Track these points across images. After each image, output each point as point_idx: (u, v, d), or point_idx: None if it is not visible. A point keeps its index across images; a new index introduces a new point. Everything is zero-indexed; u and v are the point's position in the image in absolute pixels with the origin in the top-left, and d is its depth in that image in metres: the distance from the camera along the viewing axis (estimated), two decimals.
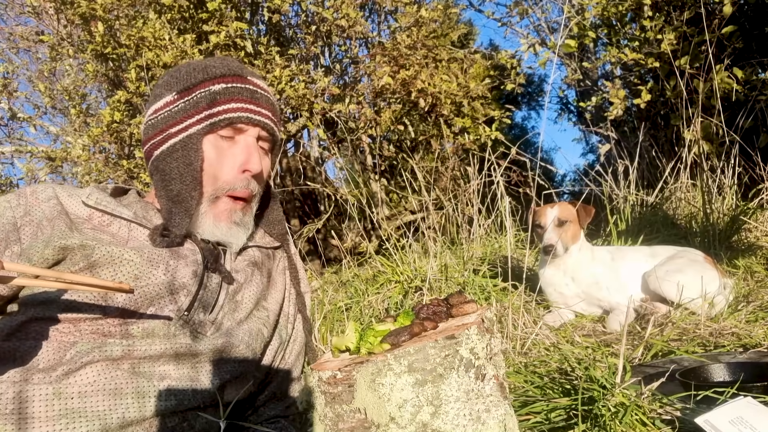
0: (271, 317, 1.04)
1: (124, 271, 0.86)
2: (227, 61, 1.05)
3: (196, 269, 0.94)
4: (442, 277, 2.28)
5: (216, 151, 0.99)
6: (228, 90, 1.00)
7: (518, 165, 3.72)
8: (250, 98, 1.02)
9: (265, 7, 3.99)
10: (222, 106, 0.98)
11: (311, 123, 3.81)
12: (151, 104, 1.04)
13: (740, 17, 3.97)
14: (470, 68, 4.31)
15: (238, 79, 1.02)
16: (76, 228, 0.90)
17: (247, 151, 1.00)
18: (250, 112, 1.01)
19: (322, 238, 4.29)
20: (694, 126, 3.32)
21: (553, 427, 0.97)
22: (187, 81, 1.00)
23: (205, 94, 0.98)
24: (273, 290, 1.10)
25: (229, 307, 0.96)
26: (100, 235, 0.92)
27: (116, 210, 0.95)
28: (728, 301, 1.83)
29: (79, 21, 3.74)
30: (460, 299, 0.74)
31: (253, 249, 1.10)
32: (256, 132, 1.02)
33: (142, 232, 0.96)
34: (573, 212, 2.09)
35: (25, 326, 0.82)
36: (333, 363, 0.64)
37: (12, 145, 5.12)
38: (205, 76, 1.00)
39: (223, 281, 0.97)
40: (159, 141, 1.00)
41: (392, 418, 0.59)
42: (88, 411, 0.75)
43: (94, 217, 0.94)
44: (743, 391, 0.91)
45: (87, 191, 0.97)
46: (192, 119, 0.98)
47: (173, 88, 1.01)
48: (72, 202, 0.94)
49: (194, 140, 0.97)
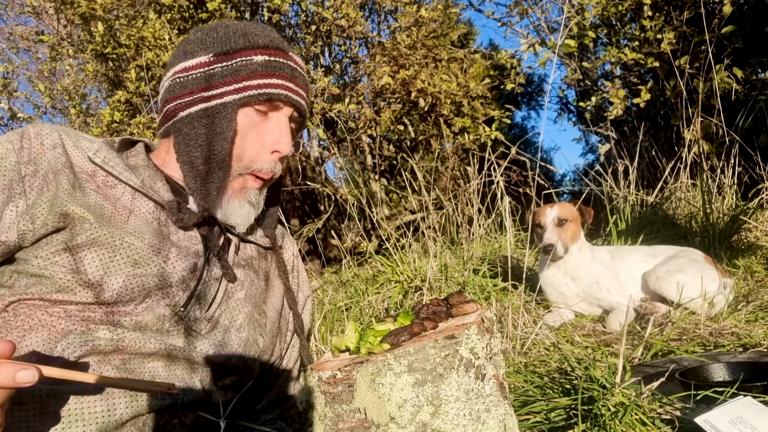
0: (268, 325, 1.00)
1: (124, 254, 0.82)
2: (268, 31, 0.99)
3: (196, 261, 0.90)
4: (442, 277, 2.28)
5: (248, 124, 0.94)
6: (271, 64, 0.94)
7: (518, 165, 3.72)
8: (290, 76, 0.96)
9: (265, 7, 4.00)
10: (263, 80, 0.93)
11: (311, 123, 3.81)
12: (181, 61, 0.96)
13: (740, 17, 3.97)
14: (470, 68, 4.31)
15: (280, 53, 0.97)
16: (80, 186, 0.85)
17: (279, 129, 0.96)
18: (289, 90, 0.96)
19: (321, 238, 4.29)
20: (694, 126, 3.33)
21: (553, 427, 0.97)
22: (227, 44, 0.94)
23: (246, 63, 0.93)
24: (271, 295, 1.06)
25: (226, 305, 0.93)
26: (102, 201, 0.86)
27: (122, 175, 0.89)
28: (728, 301, 1.83)
29: (79, 21, 3.74)
30: (460, 299, 0.74)
31: (251, 246, 1.06)
32: (290, 111, 0.98)
33: (146, 204, 0.91)
34: (573, 212, 2.10)
35: (12, 307, 0.78)
36: (333, 363, 0.64)
37: None
38: (247, 44, 0.94)
39: (223, 276, 0.93)
40: (188, 102, 0.94)
41: (392, 418, 0.59)
42: (84, 413, 0.74)
43: (98, 174, 0.89)
44: (743, 391, 0.91)
45: (95, 146, 0.90)
46: (230, 87, 0.92)
47: (210, 48, 0.94)
48: (78, 154, 0.88)
49: (229, 110, 0.92)
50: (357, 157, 4.80)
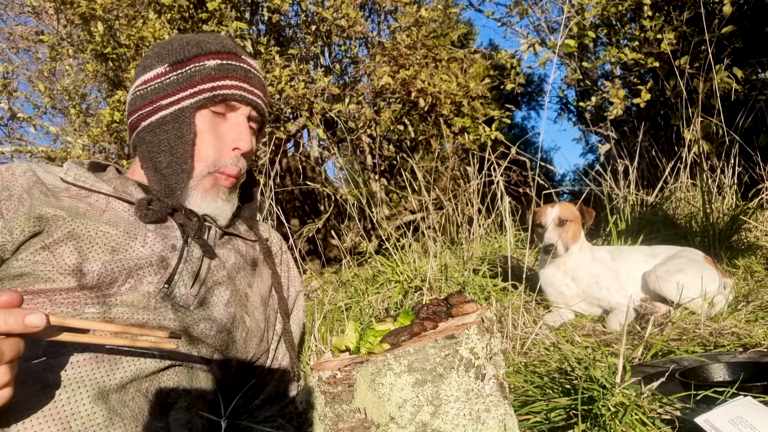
0: (249, 307, 1.01)
1: (101, 243, 0.84)
2: (221, 38, 1.05)
3: (175, 243, 0.92)
4: (442, 277, 2.28)
5: (207, 126, 0.99)
6: (223, 67, 1.00)
7: (518, 165, 3.72)
8: (244, 77, 1.02)
9: (264, 7, 3.99)
10: (217, 82, 0.98)
11: (311, 123, 3.81)
12: (140, 75, 1.02)
13: (740, 17, 3.97)
14: (470, 68, 4.31)
15: (233, 57, 1.02)
16: (53, 195, 0.88)
17: (238, 128, 1.01)
18: (243, 90, 1.01)
19: (321, 238, 4.29)
20: (694, 126, 3.33)
21: (553, 427, 0.97)
22: (181, 54, 1.00)
23: (200, 68, 0.98)
24: (258, 280, 1.08)
25: (212, 280, 0.94)
26: (76, 203, 0.89)
27: (95, 185, 0.94)
28: (728, 301, 1.83)
29: (79, 21, 3.74)
30: (460, 299, 0.74)
31: (237, 240, 1.09)
32: (247, 111, 1.03)
33: (121, 205, 0.94)
34: (573, 212, 2.10)
35: None
36: (333, 363, 0.64)
37: (12, 145, 5.12)
38: (200, 51, 1.00)
39: (204, 255, 0.95)
40: (148, 112, 0.99)
41: (392, 418, 0.59)
42: (85, 378, 0.75)
43: (71, 189, 0.93)
44: (743, 391, 0.91)
45: (65, 167, 0.95)
46: (185, 92, 0.98)
47: (165, 59, 1.00)
48: (49, 176, 0.92)
49: (186, 114, 0.97)
50: (357, 157, 4.80)
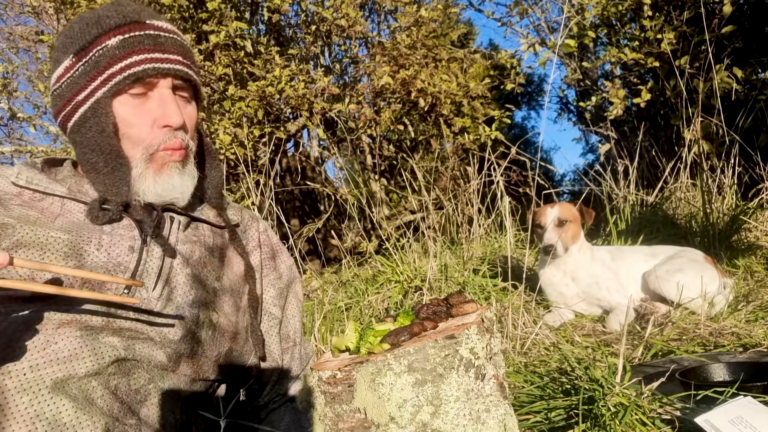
0: (219, 302, 0.97)
1: (53, 250, 0.81)
2: (121, 8, 0.93)
3: (133, 244, 0.88)
4: (442, 277, 2.28)
5: (129, 111, 0.90)
6: (125, 42, 0.89)
7: (518, 165, 3.72)
8: (153, 46, 0.91)
9: (264, 7, 3.99)
10: (124, 62, 0.88)
11: (311, 123, 3.81)
12: (53, 71, 0.94)
13: (740, 17, 3.97)
14: (470, 68, 4.32)
15: (136, 26, 0.91)
16: (2, 204, 0.85)
17: (162, 104, 0.91)
18: (156, 61, 0.90)
19: (321, 238, 4.29)
20: (694, 126, 3.33)
21: (553, 427, 0.97)
22: (82, 39, 0.90)
23: (103, 51, 0.89)
24: (228, 271, 1.02)
25: (176, 281, 0.90)
26: (27, 211, 0.86)
27: (48, 188, 0.89)
28: (728, 301, 1.83)
29: None
30: (460, 299, 0.74)
31: (203, 226, 1.02)
32: (168, 82, 0.92)
33: (76, 206, 0.90)
34: (573, 212, 2.10)
35: None
36: (333, 363, 0.64)
37: (12, 145, 5.12)
38: (100, 30, 0.90)
39: (165, 254, 0.90)
40: (69, 111, 0.92)
41: (392, 418, 0.59)
42: (74, 356, 0.75)
43: (24, 193, 0.89)
44: (743, 391, 0.91)
45: (15, 170, 0.90)
46: (96, 82, 0.89)
47: (69, 49, 0.92)
48: (1, 181, 0.89)
49: (103, 105, 0.89)
50: (357, 157, 4.80)
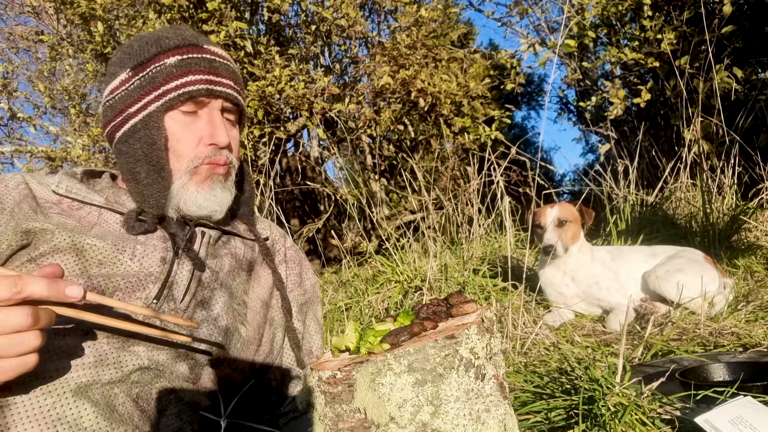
0: (249, 314, 0.99)
1: (87, 257, 0.83)
2: (181, 30, 0.99)
3: (165, 256, 0.90)
4: (442, 277, 2.28)
5: (179, 126, 0.95)
6: (183, 62, 0.94)
7: (518, 165, 3.72)
8: (209, 68, 0.96)
9: (264, 7, 3.99)
10: (180, 80, 0.93)
11: (311, 123, 3.81)
12: (107, 84, 0.99)
13: (740, 17, 3.97)
14: (470, 68, 4.32)
15: (193, 49, 0.96)
16: (42, 211, 0.88)
17: (211, 124, 0.96)
18: (210, 83, 0.95)
19: (321, 238, 4.29)
20: (694, 126, 3.33)
21: (553, 427, 0.97)
22: (141, 56, 0.95)
23: (161, 68, 0.94)
24: (255, 285, 1.05)
25: (202, 295, 0.92)
26: (65, 219, 0.88)
27: (87, 197, 0.92)
28: (728, 301, 1.83)
29: (79, 21, 3.74)
30: (460, 299, 0.74)
31: (234, 239, 1.06)
32: (219, 104, 0.98)
33: (113, 217, 0.93)
34: (573, 212, 2.10)
35: None
36: (333, 363, 0.64)
37: (12, 145, 5.12)
38: (159, 49, 0.95)
39: (194, 268, 0.92)
40: (119, 122, 0.96)
41: (392, 418, 0.59)
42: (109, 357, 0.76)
43: (63, 202, 0.92)
44: (743, 391, 0.91)
45: (56, 179, 0.93)
46: (150, 96, 0.94)
47: (127, 64, 0.96)
48: (41, 189, 0.92)
49: (155, 118, 0.93)
50: (357, 157, 4.80)
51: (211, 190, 0.96)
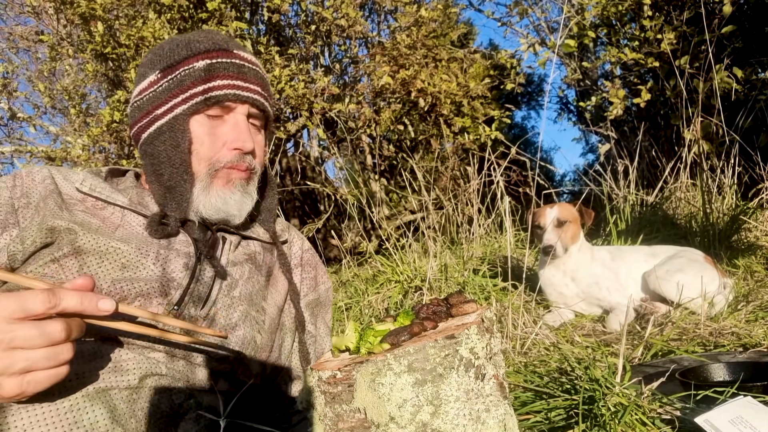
0: (267, 321, 1.00)
1: (111, 259, 0.83)
2: (212, 35, 1.00)
3: (188, 261, 0.90)
4: (442, 277, 2.28)
5: (204, 130, 0.95)
6: (213, 66, 0.95)
7: (518, 165, 3.72)
8: (237, 74, 0.96)
9: (264, 7, 4.00)
10: (207, 84, 0.94)
11: (311, 123, 3.81)
12: (136, 84, 0.99)
13: (740, 17, 3.97)
14: (470, 68, 4.32)
15: (223, 53, 0.97)
16: (67, 208, 0.88)
17: (236, 129, 0.96)
18: (237, 88, 0.96)
19: (321, 238, 4.29)
20: (694, 126, 3.33)
21: (553, 427, 0.97)
22: (171, 58, 0.96)
23: (189, 71, 0.94)
24: (272, 290, 1.05)
25: (222, 303, 0.92)
26: (90, 218, 0.88)
27: (110, 197, 0.93)
28: (728, 301, 1.83)
29: (79, 21, 3.74)
30: (460, 299, 0.74)
31: (254, 243, 1.06)
32: (245, 109, 0.98)
33: (136, 218, 0.93)
34: (572, 212, 2.10)
35: None
36: (333, 363, 0.64)
37: (12, 145, 5.12)
38: (189, 52, 0.95)
39: (216, 276, 0.93)
40: (146, 124, 0.97)
41: (392, 418, 0.59)
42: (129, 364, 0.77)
43: (87, 200, 0.92)
44: (743, 391, 0.91)
45: (81, 176, 0.94)
46: (177, 99, 0.94)
47: (157, 66, 0.97)
48: (66, 185, 0.92)
49: (180, 121, 0.93)
50: (357, 157, 4.80)
51: (231, 194, 0.96)
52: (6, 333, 0.60)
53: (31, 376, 0.62)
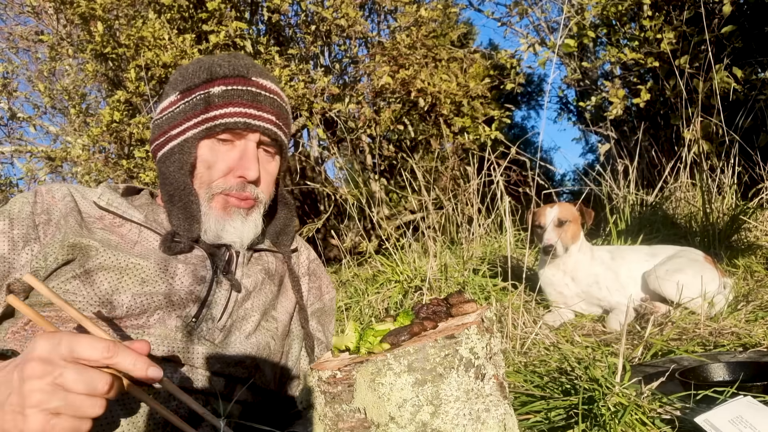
0: (280, 328, 1.02)
1: (131, 275, 0.86)
2: (235, 60, 1.00)
3: (204, 275, 0.93)
4: (442, 277, 2.28)
5: (212, 154, 0.96)
6: (227, 93, 0.95)
7: (518, 165, 3.72)
8: (250, 102, 0.96)
9: (264, 7, 4.00)
10: (219, 110, 0.95)
11: (311, 123, 3.81)
12: (160, 103, 1.02)
13: (740, 17, 3.97)
14: (470, 68, 4.32)
15: (240, 80, 0.97)
16: (86, 227, 0.91)
17: (243, 157, 0.96)
18: (248, 117, 0.96)
19: (321, 238, 4.29)
20: (694, 125, 3.33)
21: (552, 427, 0.97)
22: (191, 81, 0.98)
23: (204, 96, 0.95)
24: (283, 298, 1.07)
25: (237, 314, 0.95)
26: (109, 235, 0.91)
27: (127, 213, 0.95)
28: (728, 301, 1.83)
29: (79, 21, 3.74)
30: (460, 299, 0.74)
31: (267, 254, 1.08)
32: (255, 137, 0.97)
33: (152, 236, 0.95)
34: (573, 212, 2.10)
35: (31, 325, 0.82)
36: (333, 363, 0.64)
37: (12, 145, 5.12)
38: (208, 76, 0.97)
39: (231, 288, 0.95)
40: (161, 143, 0.99)
41: (392, 418, 0.59)
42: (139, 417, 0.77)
43: (105, 217, 0.95)
44: (743, 391, 0.91)
45: (99, 191, 0.96)
46: (190, 122, 0.96)
47: (177, 87, 0.99)
48: (85, 203, 0.95)
49: (190, 144, 0.95)
50: (357, 157, 4.80)
51: (231, 221, 0.97)
52: (58, 368, 0.59)
53: (56, 420, 0.60)
